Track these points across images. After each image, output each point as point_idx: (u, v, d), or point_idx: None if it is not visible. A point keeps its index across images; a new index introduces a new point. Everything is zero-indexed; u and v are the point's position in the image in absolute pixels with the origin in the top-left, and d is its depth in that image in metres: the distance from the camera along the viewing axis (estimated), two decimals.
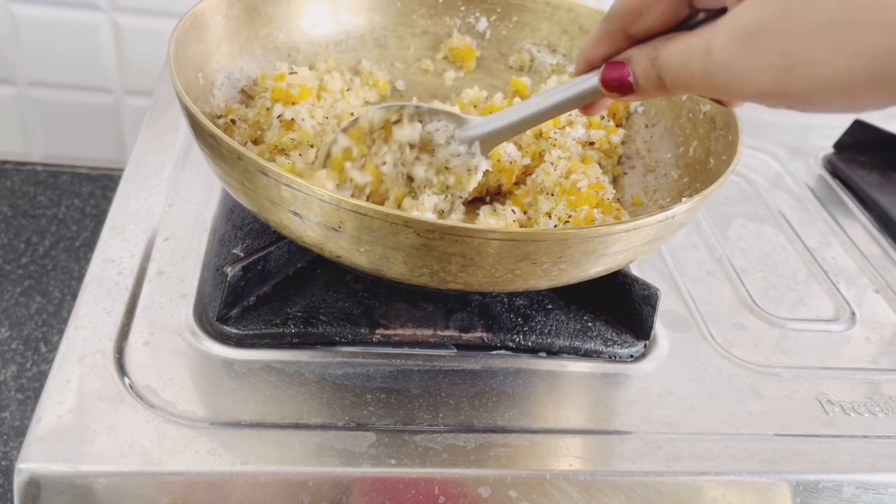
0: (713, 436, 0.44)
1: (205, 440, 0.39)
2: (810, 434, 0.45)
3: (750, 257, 0.60)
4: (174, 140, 0.61)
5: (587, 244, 0.38)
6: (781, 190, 0.70)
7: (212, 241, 0.51)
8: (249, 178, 0.39)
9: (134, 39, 0.81)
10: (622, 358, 0.48)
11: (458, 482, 0.39)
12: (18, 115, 0.86)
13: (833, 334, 0.54)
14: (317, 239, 0.40)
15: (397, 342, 0.46)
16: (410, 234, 0.36)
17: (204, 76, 0.52)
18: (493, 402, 0.44)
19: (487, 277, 0.39)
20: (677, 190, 0.53)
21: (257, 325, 0.45)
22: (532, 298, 0.50)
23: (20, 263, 0.78)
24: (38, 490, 0.36)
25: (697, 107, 0.55)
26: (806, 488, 0.42)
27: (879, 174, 0.74)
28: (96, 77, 0.84)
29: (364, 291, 0.48)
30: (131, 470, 0.37)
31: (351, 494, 0.38)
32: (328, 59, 0.61)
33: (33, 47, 0.81)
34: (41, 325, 0.72)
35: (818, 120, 0.83)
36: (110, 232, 0.51)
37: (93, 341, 0.43)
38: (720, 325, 0.53)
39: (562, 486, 0.40)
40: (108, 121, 0.87)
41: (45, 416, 0.38)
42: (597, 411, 0.45)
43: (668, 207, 0.40)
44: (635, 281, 0.48)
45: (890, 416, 0.48)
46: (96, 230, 0.83)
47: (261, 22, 0.58)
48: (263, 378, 0.43)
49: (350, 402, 0.42)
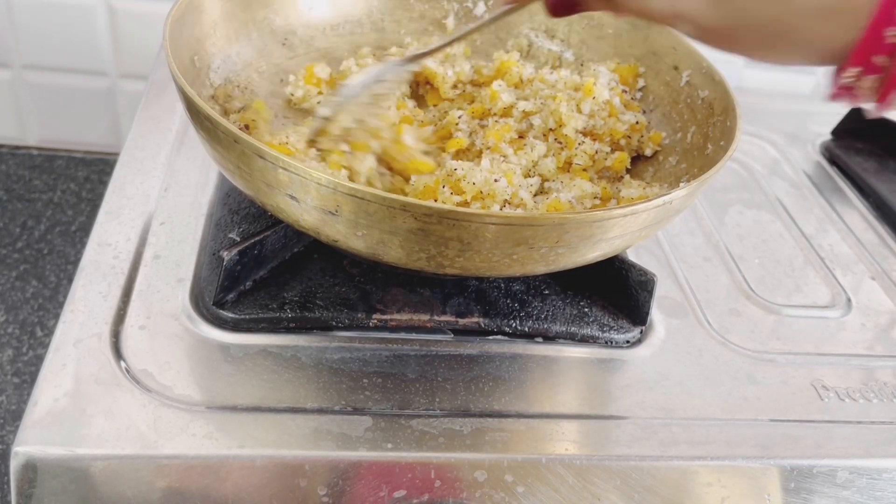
0: (708, 421, 0.44)
1: (201, 424, 0.39)
2: (805, 420, 0.45)
3: (747, 244, 0.60)
4: (170, 124, 0.60)
5: (584, 229, 0.38)
6: (779, 177, 0.70)
7: (208, 225, 0.51)
8: (246, 162, 0.39)
9: (129, 22, 0.81)
10: (618, 343, 0.48)
11: (455, 466, 0.39)
12: (13, 99, 0.85)
13: (829, 321, 0.54)
14: (313, 223, 0.40)
15: (394, 327, 0.46)
16: (408, 219, 0.36)
17: (199, 59, 0.52)
18: (489, 386, 0.44)
19: (484, 262, 0.39)
20: (675, 175, 0.53)
21: (254, 309, 0.45)
22: (529, 284, 0.50)
23: (16, 248, 0.78)
24: (35, 473, 0.36)
25: (696, 93, 0.55)
26: (800, 473, 0.43)
27: (877, 161, 0.74)
28: (92, 60, 0.83)
29: (361, 276, 0.48)
30: (128, 453, 0.37)
31: (347, 478, 0.39)
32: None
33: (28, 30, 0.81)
34: (37, 309, 0.72)
35: (817, 107, 0.83)
36: (106, 216, 0.50)
37: (89, 325, 0.43)
38: (716, 311, 0.53)
39: (557, 470, 0.40)
40: (103, 104, 0.87)
41: (42, 400, 0.38)
42: (593, 396, 0.45)
43: (666, 193, 0.40)
44: (632, 267, 0.48)
45: (884, 401, 0.48)
46: (92, 214, 0.82)
47: (257, 4, 0.57)
48: (260, 362, 0.43)
49: (347, 386, 0.42)
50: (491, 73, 0.60)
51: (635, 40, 0.60)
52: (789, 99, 0.85)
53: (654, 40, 0.59)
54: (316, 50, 0.61)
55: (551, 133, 0.54)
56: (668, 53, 0.58)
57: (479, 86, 0.61)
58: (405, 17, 0.64)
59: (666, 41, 0.58)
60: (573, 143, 0.53)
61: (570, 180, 0.51)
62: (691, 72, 0.56)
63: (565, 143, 0.53)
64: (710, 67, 0.54)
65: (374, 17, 0.64)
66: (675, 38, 0.58)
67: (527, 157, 0.52)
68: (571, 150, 0.53)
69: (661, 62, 0.58)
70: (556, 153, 0.53)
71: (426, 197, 0.46)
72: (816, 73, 0.91)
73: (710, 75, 0.54)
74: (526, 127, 0.55)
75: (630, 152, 0.56)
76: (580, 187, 0.50)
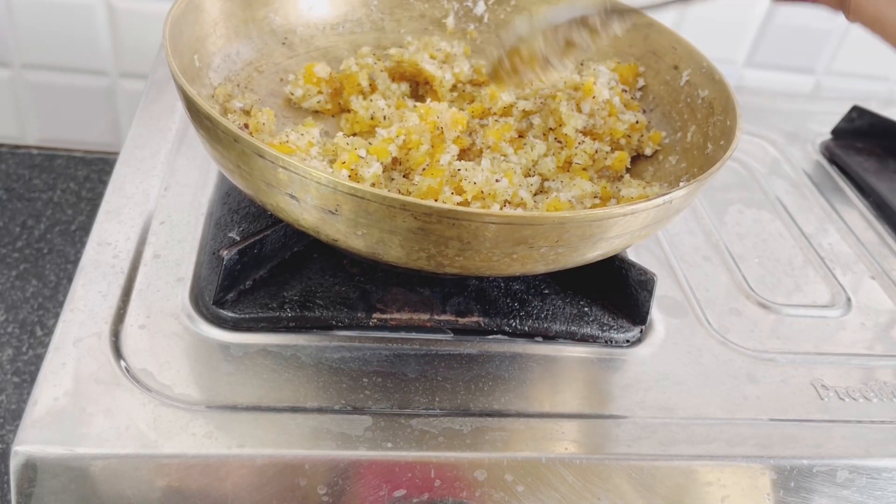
0: (708, 420, 0.44)
1: (201, 423, 0.39)
2: (805, 419, 0.45)
3: (746, 243, 0.60)
4: (170, 123, 0.60)
5: (584, 228, 0.38)
6: (779, 176, 0.70)
7: (208, 224, 0.51)
8: (245, 161, 0.39)
9: (129, 21, 0.81)
10: (618, 343, 0.48)
11: (454, 465, 0.39)
12: (13, 98, 0.85)
13: (829, 320, 0.54)
14: (313, 222, 0.40)
15: (394, 326, 0.46)
16: (407, 218, 0.36)
17: (200, 58, 0.51)
18: (489, 386, 0.44)
19: (484, 261, 0.39)
20: (675, 175, 0.53)
21: (254, 308, 0.45)
22: (529, 283, 0.50)
23: (16, 247, 0.78)
24: (35, 472, 0.36)
25: (696, 92, 0.55)
26: (800, 472, 0.43)
27: (877, 160, 0.74)
28: (91, 60, 0.83)
29: (361, 275, 0.48)
30: (128, 452, 0.37)
31: (347, 477, 0.39)
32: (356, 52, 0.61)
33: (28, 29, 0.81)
34: (37, 308, 0.72)
35: (817, 107, 0.83)
36: (106, 215, 0.50)
37: (89, 324, 0.43)
38: (716, 310, 0.53)
39: (557, 469, 0.40)
40: (103, 104, 0.87)
41: (42, 399, 0.38)
42: (592, 396, 0.45)
43: (666, 192, 0.40)
44: (632, 266, 0.48)
45: (884, 401, 0.48)
46: (92, 213, 0.82)
47: (257, 3, 0.57)
48: (260, 362, 0.43)
49: (347, 385, 0.42)
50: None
51: (635, 40, 0.60)
52: (789, 98, 0.85)
53: (654, 40, 0.59)
54: (316, 49, 0.61)
55: (551, 132, 0.54)
56: (668, 53, 0.58)
57: (478, 85, 0.61)
58: (405, 16, 0.64)
59: (666, 41, 0.58)
60: (573, 143, 0.53)
61: (570, 180, 0.51)
62: (691, 71, 0.56)
63: (565, 142, 0.53)
64: (710, 67, 0.54)
65: (374, 16, 0.64)
66: (675, 37, 0.58)
67: (527, 156, 0.52)
68: (571, 149, 0.53)
69: (661, 61, 0.58)
70: (556, 152, 0.53)
71: (428, 197, 0.46)
72: (816, 73, 0.91)
73: (710, 75, 0.54)
74: (526, 126, 0.55)
75: (630, 152, 0.56)
76: (580, 187, 0.50)
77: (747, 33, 0.87)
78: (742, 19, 0.86)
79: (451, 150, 0.49)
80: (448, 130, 0.50)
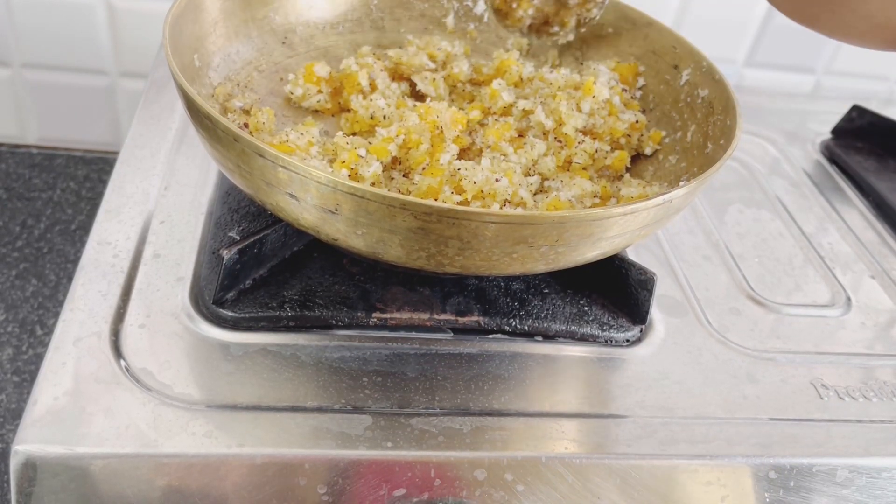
0: (708, 420, 0.44)
1: (201, 422, 0.39)
2: (805, 418, 0.46)
3: (746, 243, 0.60)
4: (170, 122, 0.60)
5: (584, 227, 0.38)
6: (779, 175, 0.70)
7: (208, 223, 0.51)
8: (245, 160, 0.39)
9: (129, 21, 0.81)
10: (618, 342, 0.48)
11: (454, 465, 0.39)
12: (13, 98, 0.85)
13: (829, 320, 0.54)
14: (313, 222, 0.40)
15: (394, 326, 0.46)
16: (407, 217, 0.36)
17: (200, 58, 0.51)
18: (489, 385, 0.44)
19: (484, 261, 0.39)
20: (675, 174, 0.53)
21: (253, 308, 0.45)
22: (528, 283, 0.50)
23: (15, 246, 0.78)
24: (35, 472, 0.36)
25: (696, 91, 0.55)
26: (800, 472, 0.43)
27: (876, 160, 0.74)
28: (91, 59, 0.83)
29: (361, 275, 0.48)
30: (127, 452, 0.37)
31: (347, 477, 0.39)
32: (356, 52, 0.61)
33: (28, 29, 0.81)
34: (37, 307, 0.72)
35: (817, 106, 0.83)
36: (106, 215, 0.50)
37: (88, 324, 0.43)
38: (716, 310, 0.53)
39: (557, 468, 0.40)
40: (103, 103, 0.87)
41: (41, 399, 0.38)
42: (592, 395, 0.45)
43: (666, 192, 0.40)
44: (632, 265, 0.48)
45: (884, 400, 0.48)
46: (92, 213, 0.82)
47: (257, 3, 0.57)
48: (260, 361, 0.43)
49: (346, 385, 0.42)
50: (491, 71, 0.60)
51: (635, 39, 0.60)
52: (789, 98, 0.86)
53: (654, 39, 0.59)
54: (316, 48, 0.61)
55: (551, 132, 0.54)
56: (667, 52, 0.58)
57: (478, 84, 0.61)
58: (405, 15, 0.64)
59: (666, 40, 0.58)
60: (573, 142, 0.53)
61: (569, 179, 0.51)
62: (691, 70, 0.56)
63: (565, 141, 0.53)
64: (710, 66, 0.54)
65: (374, 15, 0.64)
66: (675, 36, 0.58)
67: (527, 155, 0.52)
68: (571, 148, 0.53)
69: (661, 61, 0.58)
70: (555, 152, 0.53)
71: (428, 196, 0.46)
72: (816, 73, 0.91)
73: (710, 74, 0.54)
74: (525, 126, 0.55)
75: (630, 151, 0.56)
76: (580, 186, 0.50)
77: (747, 33, 0.87)
78: (742, 19, 0.86)
79: (451, 150, 0.49)
80: (448, 130, 0.50)
